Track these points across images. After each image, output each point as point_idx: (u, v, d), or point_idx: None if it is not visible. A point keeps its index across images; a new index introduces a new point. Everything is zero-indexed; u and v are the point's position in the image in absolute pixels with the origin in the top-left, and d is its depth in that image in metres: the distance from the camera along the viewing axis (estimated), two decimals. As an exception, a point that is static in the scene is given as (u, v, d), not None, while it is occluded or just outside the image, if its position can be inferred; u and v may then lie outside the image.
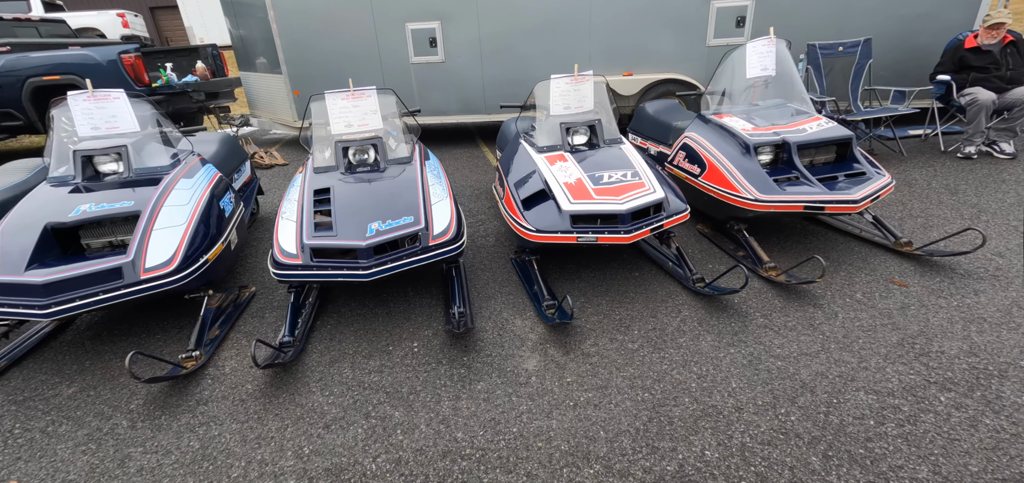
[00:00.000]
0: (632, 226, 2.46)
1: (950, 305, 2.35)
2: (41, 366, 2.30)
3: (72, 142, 2.67)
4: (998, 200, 3.47)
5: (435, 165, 2.94)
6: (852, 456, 1.61)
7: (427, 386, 2.04)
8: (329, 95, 2.75)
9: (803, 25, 5.29)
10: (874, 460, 1.59)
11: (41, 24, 8.26)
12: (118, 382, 2.14)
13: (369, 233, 2.27)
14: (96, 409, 2.00)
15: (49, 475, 1.70)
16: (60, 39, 7.88)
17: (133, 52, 6.91)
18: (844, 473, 1.55)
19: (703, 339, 2.24)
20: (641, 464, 1.63)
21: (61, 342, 2.48)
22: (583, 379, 2.03)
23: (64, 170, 2.64)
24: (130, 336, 2.50)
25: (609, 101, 3.24)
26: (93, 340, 2.48)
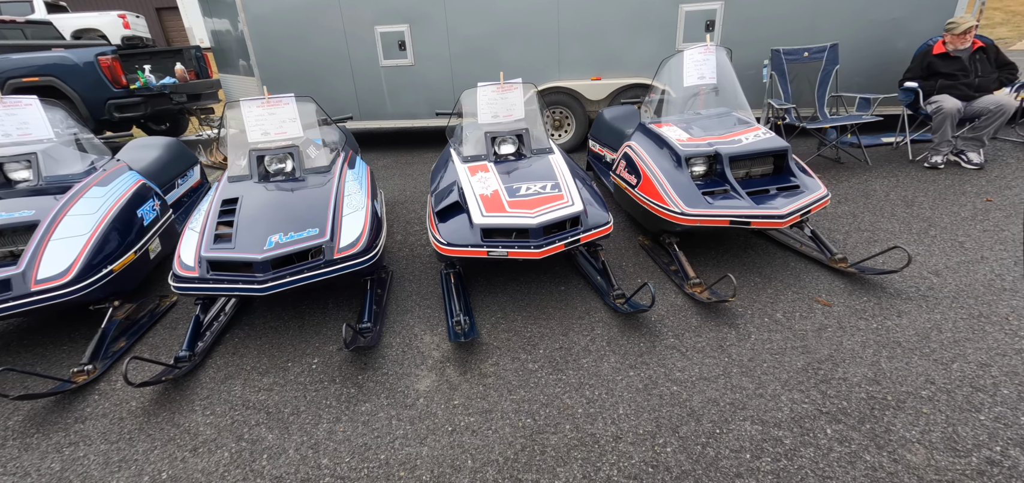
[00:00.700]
0: (544, 241, 2.40)
1: (868, 327, 2.26)
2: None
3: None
4: (952, 214, 3.35)
5: (359, 174, 2.89)
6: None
7: (312, 406, 1.99)
8: (244, 102, 2.71)
9: (772, 29, 5.18)
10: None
11: (27, 26, 8.34)
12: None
13: (267, 246, 2.23)
14: (-24, 425, 1.98)
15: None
16: (44, 41, 7.95)
17: (110, 54, 6.93)
18: (703, 512, 1.48)
19: (607, 360, 2.17)
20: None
21: (-32, 353, 2.47)
22: (471, 402, 1.97)
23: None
24: (34, 348, 2.48)
25: (540, 109, 3.17)
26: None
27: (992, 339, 2.12)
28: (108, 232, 2.46)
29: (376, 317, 2.50)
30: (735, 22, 5.23)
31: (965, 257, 2.79)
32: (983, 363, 1.98)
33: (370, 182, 2.88)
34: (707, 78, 3.26)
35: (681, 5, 5.25)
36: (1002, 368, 1.95)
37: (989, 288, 2.48)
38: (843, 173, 4.31)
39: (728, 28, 5.26)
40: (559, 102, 5.69)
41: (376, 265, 2.56)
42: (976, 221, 3.22)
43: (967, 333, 2.17)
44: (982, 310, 2.32)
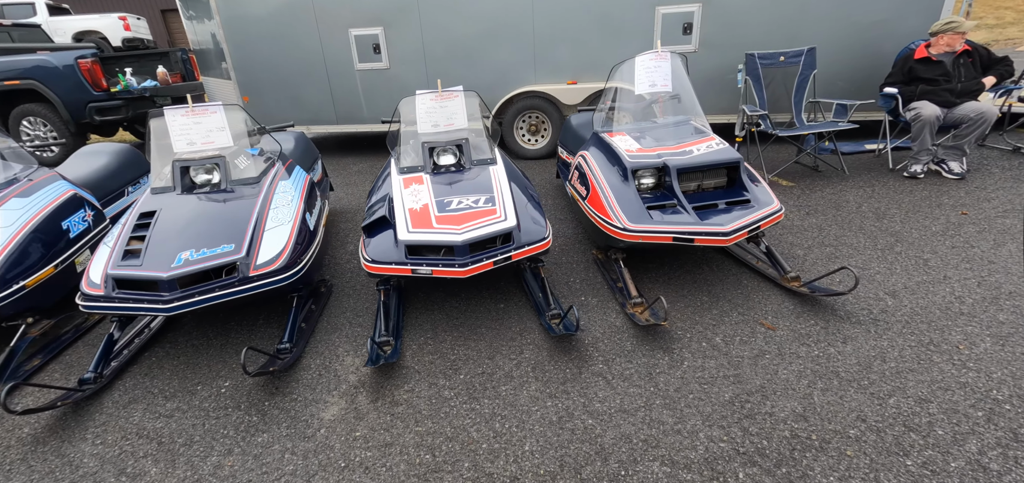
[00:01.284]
0: (470, 259, 2.28)
1: (809, 355, 2.12)
2: None
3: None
4: (922, 228, 3.19)
5: (293, 184, 2.79)
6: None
7: (207, 436, 1.89)
8: (169, 111, 2.62)
9: (753, 32, 5.01)
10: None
11: (13, 29, 8.35)
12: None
13: (176, 263, 2.14)
14: None
15: None
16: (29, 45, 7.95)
17: (90, 57, 6.92)
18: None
19: (527, 388, 2.05)
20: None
21: None
22: (374, 433, 1.86)
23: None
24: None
25: (483, 117, 3.06)
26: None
27: (937, 371, 1.97)
28: (24, 245, 2.38)
29: (299, 337, 2.41)
30: (714, 24, 5.07)
31: (927, 277, 2.64)
32: (923, 398, 1.84)
33: (305, 193, 2.78)
34: (660, 85, 3.12)
35: (658, 8, 5.11)
36: (942, 404, 1.80)
37: (946, 312, 2.33)
38: (818, 182, 4.15)
39: (706, 30, 5.11)
40: (535, 107, 5.57)
41: (303, 281, 2.46)
42: (946, 236, 3.05)
43: (912, 363, 2.02)
44: (933, 337, 2.17)
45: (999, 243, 2.92)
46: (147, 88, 7.30)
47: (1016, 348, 2.05)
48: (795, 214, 3.55)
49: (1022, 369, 1.94)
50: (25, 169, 2.83)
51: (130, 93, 7.17)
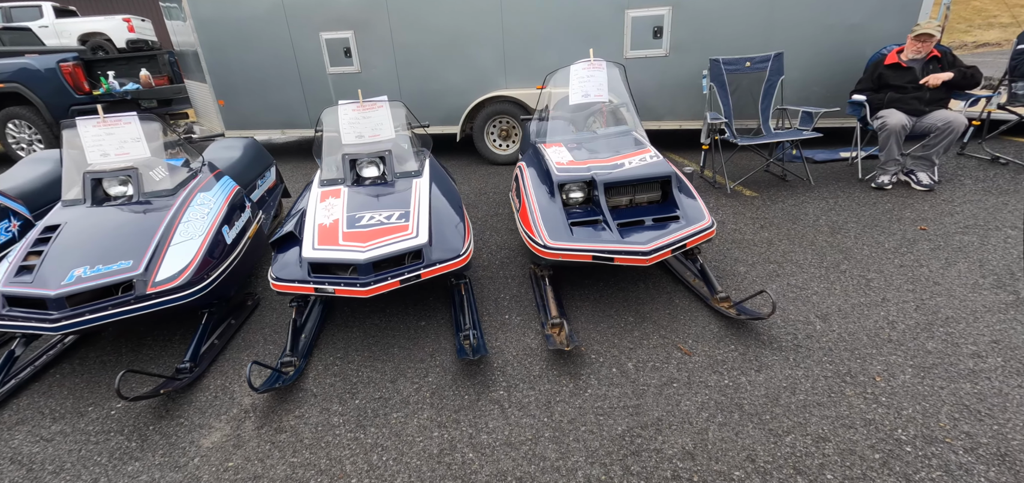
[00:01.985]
0: (374, 278, 2.21)
1: (719, 384, 2.01)
2: None
3: None
4: (875, 244, 3.05)
5: (214, 196, 2.73)
6: None
7: (79, 464, 1.85)
8: (81, 122, 2.58)
9: (725, 37, 4.88)
10: None
11: (5, 33, 8.46)
12: None
13: (67, 280, 2.09)
14: None
15: None
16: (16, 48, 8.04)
17: (72, 60, 6.97)
18: None
19: (419, 416, 1.97)
20: None
21: None
22: (246, 464, 1.80)
23: None
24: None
25: (412, 128, 2.98)
26: None
27: (846, 405, 1.85)
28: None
29: (203, 357, 2.35)
30: (685, 28, 4.95)
31: (865, 298, 2.51)
32: (821, 437, 1.72)
33: (226, 205, 2.72)
34: (593, 95, 3.02)
35: (627, 11, 5.00)
36: (839, 444, 1.69)
37: (873, 338, 2.21)
38: (783, 192, 4.01)
39: (677, 34, 4.99)
40: (504, 112, 5.48)
41: (213, 297, 2.41)
42: (898, 254, 2.91)
43: (822, 396, 1.91)
44: (852, 367, 2.05)
45: (950, 262, 2.77)
46: (129, 91, 7.33)
47: (936, 381, 1.93)
48: (749, 227, 3.43)
49: (935, 404, 1.82)
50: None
51: (111, 96, 7.21)
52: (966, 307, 2.37)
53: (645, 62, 5.17)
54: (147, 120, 2.73)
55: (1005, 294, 2.44)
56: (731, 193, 4.08)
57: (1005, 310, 2.32)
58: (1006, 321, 2.24)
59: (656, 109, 5.32)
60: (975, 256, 2.81)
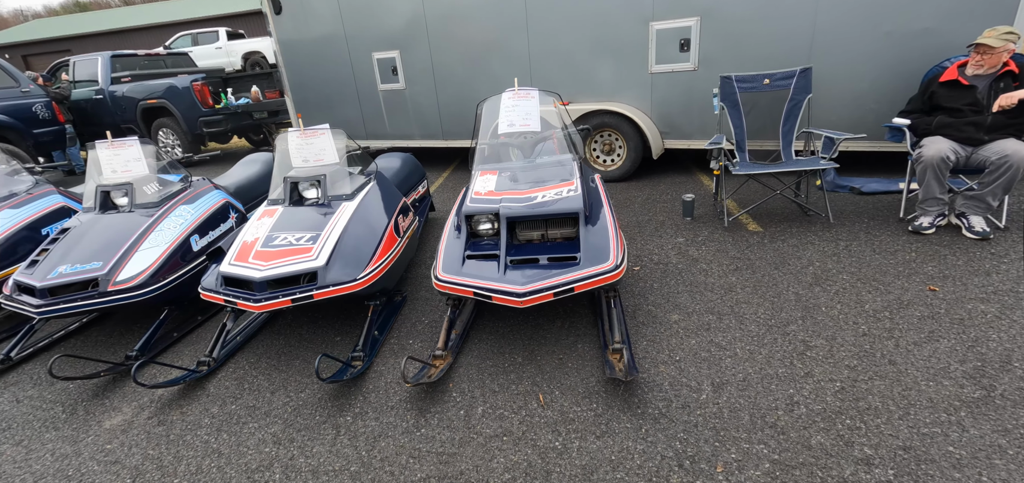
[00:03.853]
0: (266, 295, 2.44)
1: (548, 445, 1.89)
2: None
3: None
4: (856, 304, 2.55)
5: (192, 209, 3.18)
6: None
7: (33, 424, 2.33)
8: (99, 145, 3.19)
9: (758, 49, 4.36)
10: None
11: (168, 57, 10.45)
12: None
13: (52, 275, 2.64)
14: None
15: None
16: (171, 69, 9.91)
17: (201, 80, 8.42)
18: None
19: (269, 428, 2.15)
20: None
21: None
22: (100, 447, 2.13)
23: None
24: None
25: (352, 152, 3.18)
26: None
27: (656, 494, 1.64)
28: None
29: (153, 347, 2.79)
30: (714, 40, 4.52)
31: (786, 371, 2.14)
32: (600, 525, 1.55)
33: (202, 219, 3.17)
34: (518, 125, 2.93)
35: (652, 23, 4.71)
36: (612, 538, 1.51)
37: (756, 421, 1.89)
38: (793, 229, 3.49)
39: (706, 47, 4.58)
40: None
41: (166, 297, 2.84)
42: (874, 319, 2.41)
43: (643, 478, 1.70)
44: (703, 450, 1.78)
45: (933, 338, 2.23)
46: (241, 105, 8.66)
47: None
48: (721, 269, 3.06)
49: (759, 516, 1.52)
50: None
51: (228, 109, 8.58)
52: (906, 397, 1.91)
53: (671, 77, 4.82)
54: (146, 143, 3.30)
55: (973, 389, 1.92)
56: (730, 226, 3.65)
57: (955, 409, 1.83)
58: (943, 424, 1.77)
59: (683, 127, 4.92)
60: (972, 334, 2.22)
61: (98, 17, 29.31)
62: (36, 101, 7.75)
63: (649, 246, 3.50)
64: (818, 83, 4.19)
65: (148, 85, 8.67)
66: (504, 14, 5.27)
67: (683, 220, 3.90)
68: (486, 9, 5.34)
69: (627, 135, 4.97)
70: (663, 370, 2.23)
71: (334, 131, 3.05)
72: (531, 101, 2.94)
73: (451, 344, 2.55)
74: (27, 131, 7.57)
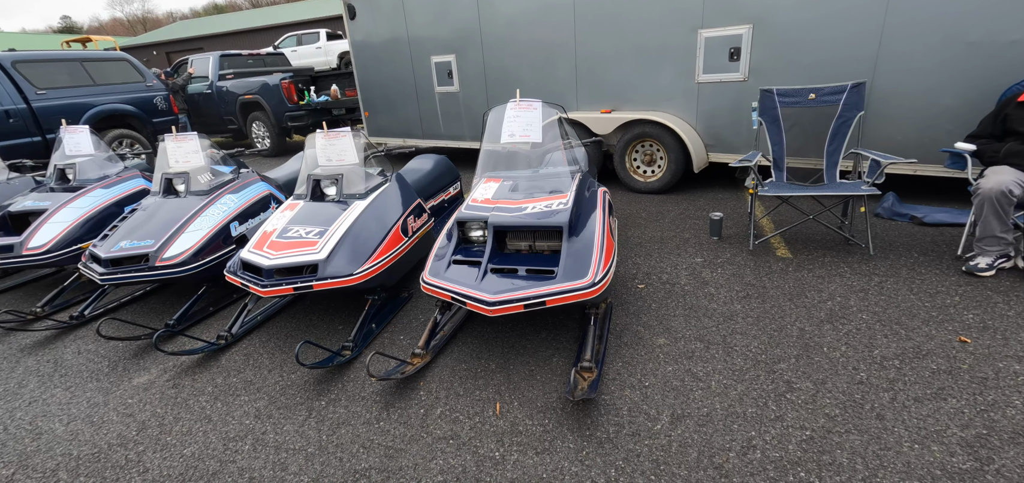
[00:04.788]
0: (272, 282, 2.69)
1: (487, 455, 1.93)
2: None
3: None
4: (863, 348, 2.31)
5: (237, 198, 3.55)
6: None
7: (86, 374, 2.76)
8: (167, 138, 3.65)
9: (816, 58, 4.03)
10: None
11: (267, 57, 11.56)
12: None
13: (115, 249, 3.10)
14: None
15: None
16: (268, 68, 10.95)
17: (288, 78, 9.24)
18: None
19: (255, 403, 2.39)
20: None
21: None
22: (126, 400, 2.47)
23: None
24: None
25: (372, 154, 3.36)
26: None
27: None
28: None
29: (190, 318, 3.17)
30: (767, 49, 4.24)
31: (756, 411, 2.00)
32: (504, 539, 1.57)
33: (245, 204, 3.54)
34: (519, 136, 2.94)
35: (700, 31, 4.51)
36: (510, 554, 1.52)
37: (701, 461, 1.80)
38: (826, 257, 3.20)
39: (758, 56, 4.31)
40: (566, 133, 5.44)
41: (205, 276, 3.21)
42: (877, 367, 2.17)
43: (560, 500, 1.69)
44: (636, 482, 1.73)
45: (939, 396, 1.97)
46: (320, 102, 9.39)
47: (704, 532, 1.53)
48: (729, 295, 2.89)
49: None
50: (130, 166, 4.17)
51: (310, 106, 9.35)
52: (880, 458, 1.72)
53: (718, 87, 4.58)
54: (203, 138, 3.73)
55: (965, 458, 1.68)
56: (756, 249, 3.42)
57: (933, 478, 1.62)
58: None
59: (730, 141, 4.65)
60: (989, 397, 1.93)
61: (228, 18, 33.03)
62: (157, 94, 8.90)
63: (663, 264, 3.37)
64: (880, 99, 3.80)
65: (247, 82, 9.66)
66: (553, 22, 5.29)
67: (710, 239, 3.70)
68: (536, 17, 5.39)
69: (668, 147, 4.79)
70: (627, 394, 2.17)
71: (355, 133, 3.27)
72: (533, 112, 2.96)
73: (433, 344, 2.65)
74: (147, 119, 8.73)
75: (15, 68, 6.90)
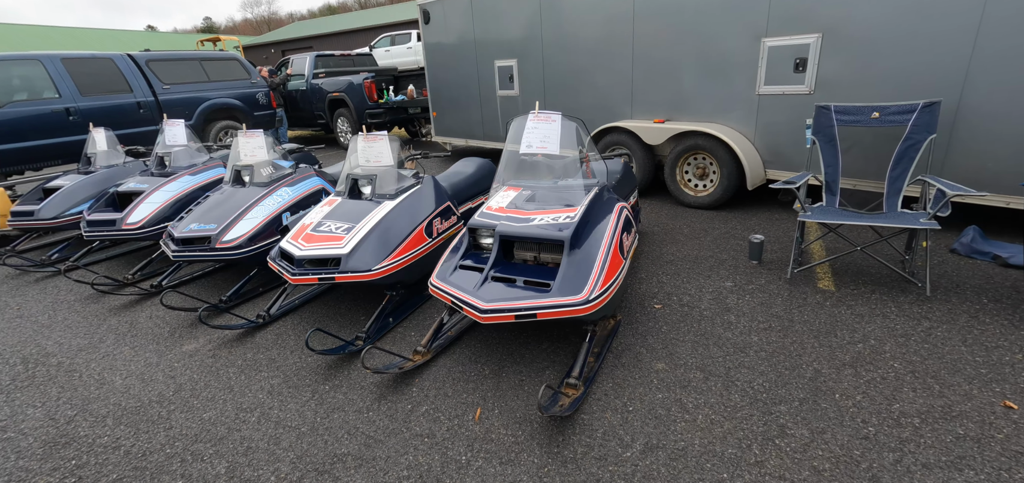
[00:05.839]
0: (299, 271, 2.94)
1: (454, 459, 2.00)
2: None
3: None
4: (884, 399, 2.08)
5: (293, 190, 3.91)
6: None
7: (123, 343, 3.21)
8: (240, 134, 4.09)
9: (891, 75, 3.64)
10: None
11: (356, 58, 12.40)
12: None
13: (186, 230, 3.55)
14: (81, 289, 3.97)
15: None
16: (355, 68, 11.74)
17: (369, 78, 9.88)
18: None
19: (259, 375, 2.64)
20: None
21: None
22: (166, 367, 2.82)
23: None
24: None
25: (407, 158, 3.53)
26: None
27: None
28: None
29: (242, 296, 3.55)
30: (837, 60, 3.90)
31: (737, 453, 1.88)
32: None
33: (298, 197, 3.89)
34: (536, 147, 2.94)
35: (764, 39, 4.24)
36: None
37: (658, 495, 1.74)
38: (875, 295, 2.90)
39: (827, 68, 3.97)
40: (619, 142, 5.35)
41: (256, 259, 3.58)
42: (896, 425, 1.95)
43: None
44: (581, 506, 1.72)
45: (951, 465, 1.74)
46: (397, 101, 9.94)
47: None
48: (755, 326, 2.72)
49: None
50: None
51: (387, 104, 9.93)
52: (859, 526, 1.56)
53: (781, 100, 4.27)
54: (269, 135, 4.13)
55: (960, 543, 1.47)
56: (794, 278, 3.17)
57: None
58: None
59: (790, 158, 4.32)
60: (1015, 477, 1.67)
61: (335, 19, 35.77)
62: (259, 90, 9.89)
63: (689, 285, 3.23)
64: (968, 122, 3.37)
65: (335, 80, 10.44)
66: (612, 29, 5.22)
67: (748, 263, 3.48)
68: (596, 23, 5.34)
69: (722, 160, 4.54)
70: (607, 416, 2.14)
71: (391, 137, 3.47)
72: (552, 125, 2.96)
73: (436, 344, 2.77)
74: (250, 112, 9.73)
75: (148, 66, 8.01)
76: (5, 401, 2.57)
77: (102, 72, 7.36)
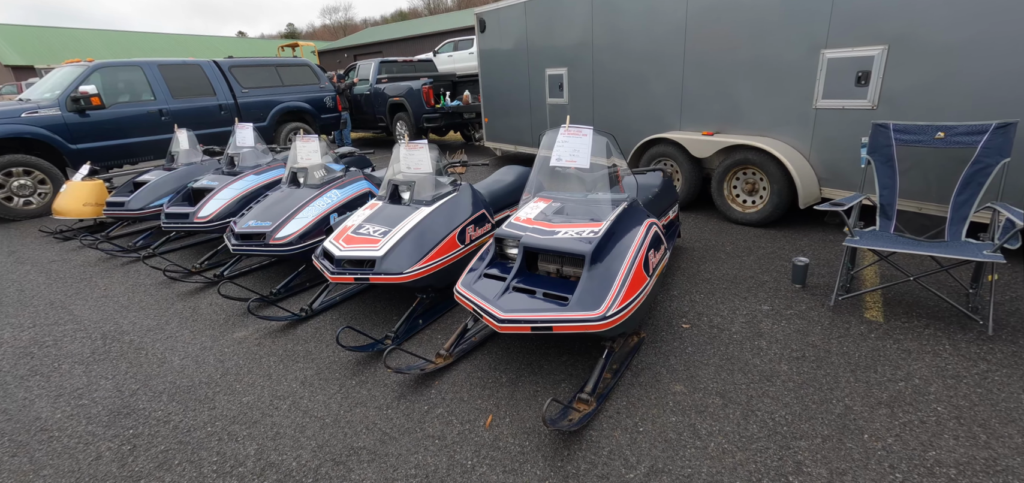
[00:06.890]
0: (338, 270, 3.12)
1: (461, 464, 2.07)
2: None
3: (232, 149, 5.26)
4: (919, 444, 1.92)
5: (342, 192, 4.14)
6: None
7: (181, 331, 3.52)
8: (298, 138, 4.38)
9: (962, 92, 3.35)
10: None
11: (418, 63, 12.84)
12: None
13: (245, 226, 3.86)
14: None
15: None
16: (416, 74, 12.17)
17: (428, 84, 10.22)
18: None
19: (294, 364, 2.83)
20: None
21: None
22: (223, 352, 3.07)
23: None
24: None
25: (445, 166, 3.64)
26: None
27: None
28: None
29: (291, 290, 3.81)
30: (904, 74, 3.65)
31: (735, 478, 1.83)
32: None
33: (345, 199, 4.12)
34: (565, 160, 2.94)
35: (823, 51, 4.03)
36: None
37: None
38: (928, 330, 2.68)
39: (892, 82, 3.72)
40: (665, 154, 5.23)
41: (304, 256, 3.83)
42: (928, 474, 1.81)
43: (502, 521, 1.76)
44: (575, 523, 1.73)
45: (990, 526, 1.59)
46: (452, 107, 10.21)
47: None
48: (787, 354, 2.59)
49: None
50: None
51: (444, 109, 10.22)
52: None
53: (840, 115, 4.03)
54: (324, 140, 4.40)
55: None
56: (837, 305, 2.98)
57: None
58: None
59: (848, 176, 4.06)
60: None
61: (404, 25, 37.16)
62: (326, 94, 10.47)
63: (722, 306, 3.12)
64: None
65: (396, 85, 10.88)
66: (664, 38, 5.13)
67: (791, 286, 3.31)
68: (647, 32, 5.27)
69: (772, 176, 4.33)
70: (616, 435, 2.13)
71: (430, 146, 3.60)
72: (582, 139, 2.96)
73: (459, 349, 2.85)
74: (317, 115, 10.33)
75: (231, 72, 8.71)
76: (84, 371, 2.91)
77: (191, 77, 8.09)
